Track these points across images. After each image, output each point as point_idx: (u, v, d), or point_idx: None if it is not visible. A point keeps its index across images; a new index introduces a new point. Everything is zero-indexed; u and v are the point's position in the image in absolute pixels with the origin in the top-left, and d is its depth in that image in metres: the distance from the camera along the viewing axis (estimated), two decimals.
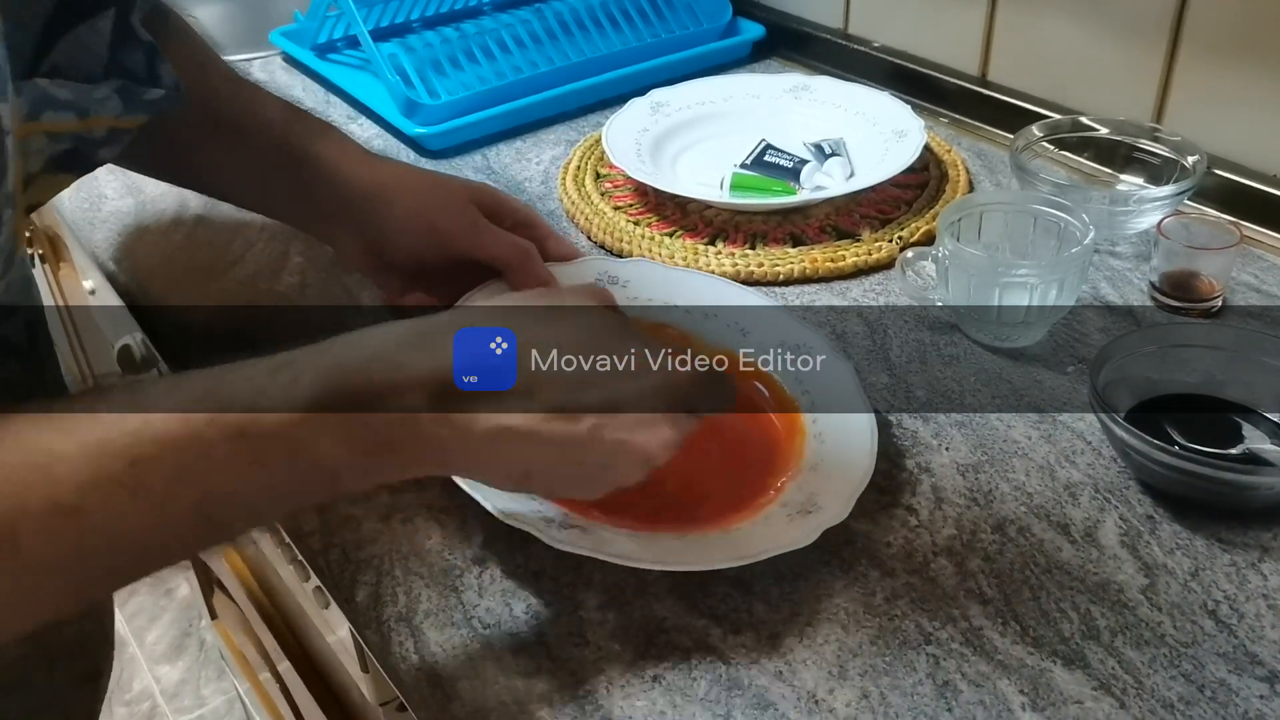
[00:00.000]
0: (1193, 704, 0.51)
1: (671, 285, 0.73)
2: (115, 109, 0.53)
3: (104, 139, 0.53)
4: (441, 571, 0.60)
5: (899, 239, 0.85)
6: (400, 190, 0.70)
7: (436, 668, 0.55)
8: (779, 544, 0.57)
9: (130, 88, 0.53)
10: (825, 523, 0.57)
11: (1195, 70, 0.88)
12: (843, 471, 0.61)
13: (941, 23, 1.06)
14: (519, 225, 0.72)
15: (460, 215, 0.69)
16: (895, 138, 0.93)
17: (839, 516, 0.58)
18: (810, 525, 0.57)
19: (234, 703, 1.75)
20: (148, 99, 0.55)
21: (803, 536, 0.57)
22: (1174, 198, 0.80)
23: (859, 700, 0.52)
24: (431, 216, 0.69)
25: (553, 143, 1.04)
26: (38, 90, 0.48)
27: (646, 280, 0.73)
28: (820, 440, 0.64)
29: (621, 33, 1.13)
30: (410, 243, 0.69)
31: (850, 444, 0.62)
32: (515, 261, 0.69)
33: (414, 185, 0.71)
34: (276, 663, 1.10)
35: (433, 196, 0.70)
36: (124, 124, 0.54)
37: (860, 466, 0.61)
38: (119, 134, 0.54)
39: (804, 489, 0.61)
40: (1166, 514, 0.61)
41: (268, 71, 1.23)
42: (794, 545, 0.56)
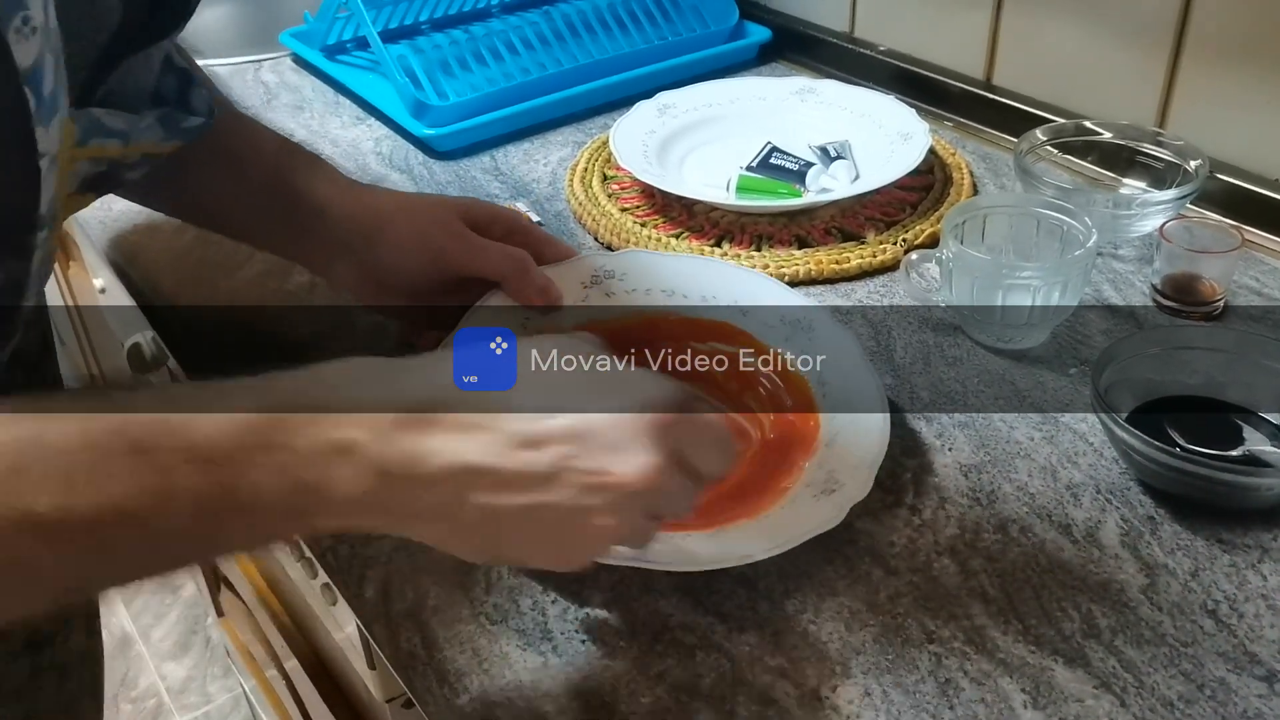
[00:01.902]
0: (1192, 703, 0.52)
1: (666, 272, 0.74)
2: (156, 136, 0.53)
3: (136, 163, 0.54)
4: (449, 568, 0.60)
5: (903, 241, 0.86)
6: (393, 215, 0.70)
7: (444, 663, 0.55)
8: (811, 526, 0.57)
9: (171, 115, 0.54)
10: (851, 499, 0.58)
11: (1198, 75, 0.88)
12: (859, 444, 0.61)
13: (947, 27, 1.06)
14: (511, 234, 0.72)
15: (453, 233, 0.70)
16: (900, 141, 0.94)
17: (863, 491, 0.58)
18: (835, 504, 0.58)
19: (240, 700, 1.75)
20: (186, 126, 0.55)
21: (832, 517, 0.57)
22: (1176, 201, 0.81)
23: (862, 698, 0.53)
24: (426, 238, 0.69)
25: (560, 144, 1.05)
26: (91, 118, 0.48)
27: (641, 270, 0.74)
28: (834, 413, 0.65)
29: (629, 35, 1.14)
30: (407, 265, 0.70)
31: (862, 416, 0.63)
32: (511, 272, 0.69)
33: (405, 209, 0.71)
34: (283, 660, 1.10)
35: (425, 218, 0.70)
36: (159, 150, 0.55)
37: (875, 437, 0.61)
38: (150, 159, 0.55)
39: (823, 466, 0.61)
40: (1167, 514, 0.62)
41: (277, 73, 1.23)
42: (827, 525, 0.57)
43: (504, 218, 0.73)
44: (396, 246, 0.69)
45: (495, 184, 0.98)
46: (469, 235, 0.70)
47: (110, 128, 0.50)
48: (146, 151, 0.54)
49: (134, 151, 0.53)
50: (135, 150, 0.53)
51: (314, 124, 1.11)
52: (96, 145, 0.49)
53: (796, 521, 0.58)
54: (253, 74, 1.23)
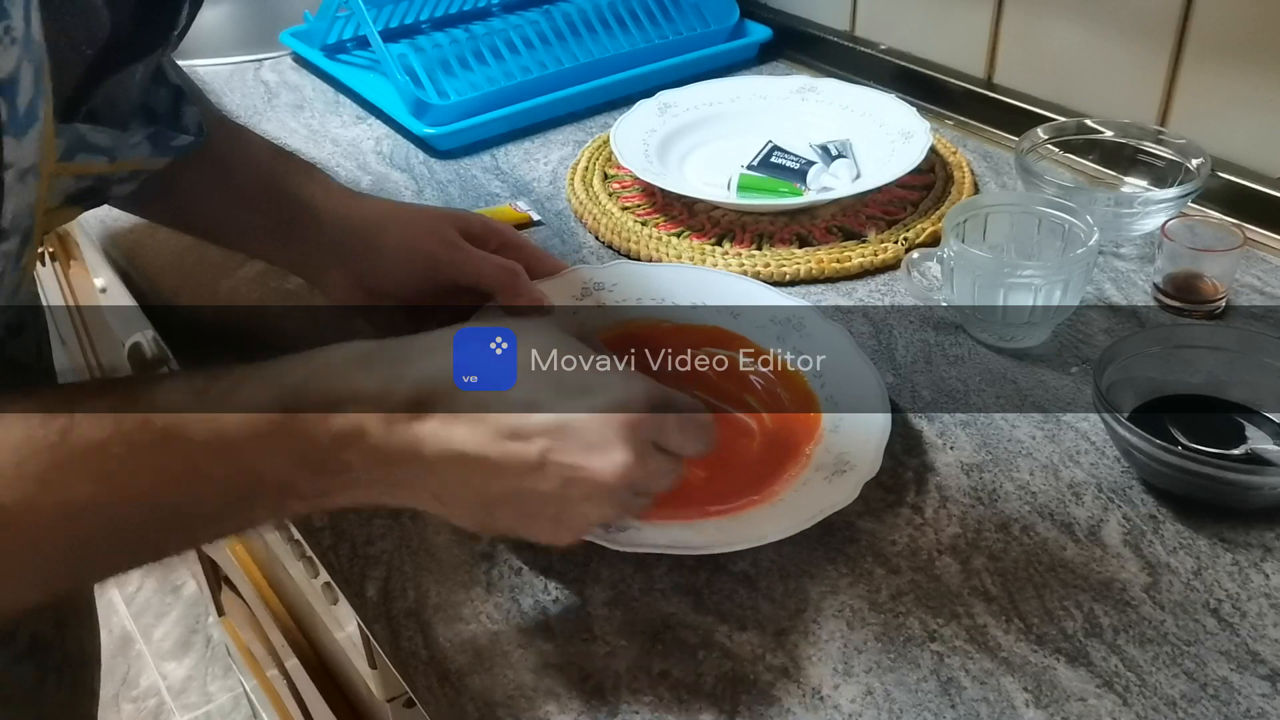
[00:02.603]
0: (1195, 702, 0.52)
1: (655, 283, 0.74)
2: (145, 153, 0.53)
3: (124, 178, 0.54)
4: (451, 567, 0.60)
5: (905, 240, 0.86)
6: (387, 223, 0.70)
7: (445, 663, 0.55)
8: (827, 505, 0.58)
9: (161, 133, 0.54)
10: (862, 478, 0.59)
11: (1200, 73, 0.88)
12: (864, 427, 0.63)
13: (947, 25, 1.06)
14: (504, 247, 0.72)
15: (448, 242, 0.70)
16: (901, 139, 0.93)
17: (873, 470, 0.60)
18: (849, 483, 0.59)
19: (240, 699, 1.75)
20: (176, 144, 0.55)
21: (846, 496, 0.59)
22: (1178, 200, 0.81)
23: (864, 696, 0.53)
24: (420, 246, 0.69)
25: (561, 143, 1.04)
26: (76, 134, 0.48)
27: (631, 281, 0.74)
28: (834, 403, 0.66)
29: (629, 34, 1.14)
30: (401, 274, 0.69)
31: (863, 401, 0.65)
32: (504, 282, 0.69)
33: (400, 218, 0.71)
34: (284, 659, 1.10)
35: (419, 227, 0.70)
36: (148, 166, 0.54)
37: (878, 419, 0.63)
38: (138, 174, 0.54)
39: (831, 450, 0.63)
40: (1169, 513, 0.62)
41: (278, 72, 1.23)
42: (843, 503, 0.58)
43: (498, 232, 0.73)
44: (389, 254, 0.69)
45: (496, 183, 0.98)
46: (462, 245, 0.70)
47: (96, 144, 0.49)
48: (135, 168, 0.53)
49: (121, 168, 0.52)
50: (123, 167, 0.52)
51: (314, 123, 1.11)
52: (82, 161, 0.49)
53: (810, 503, 0.59)
54: (253, 73, 1.23)
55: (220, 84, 1.20)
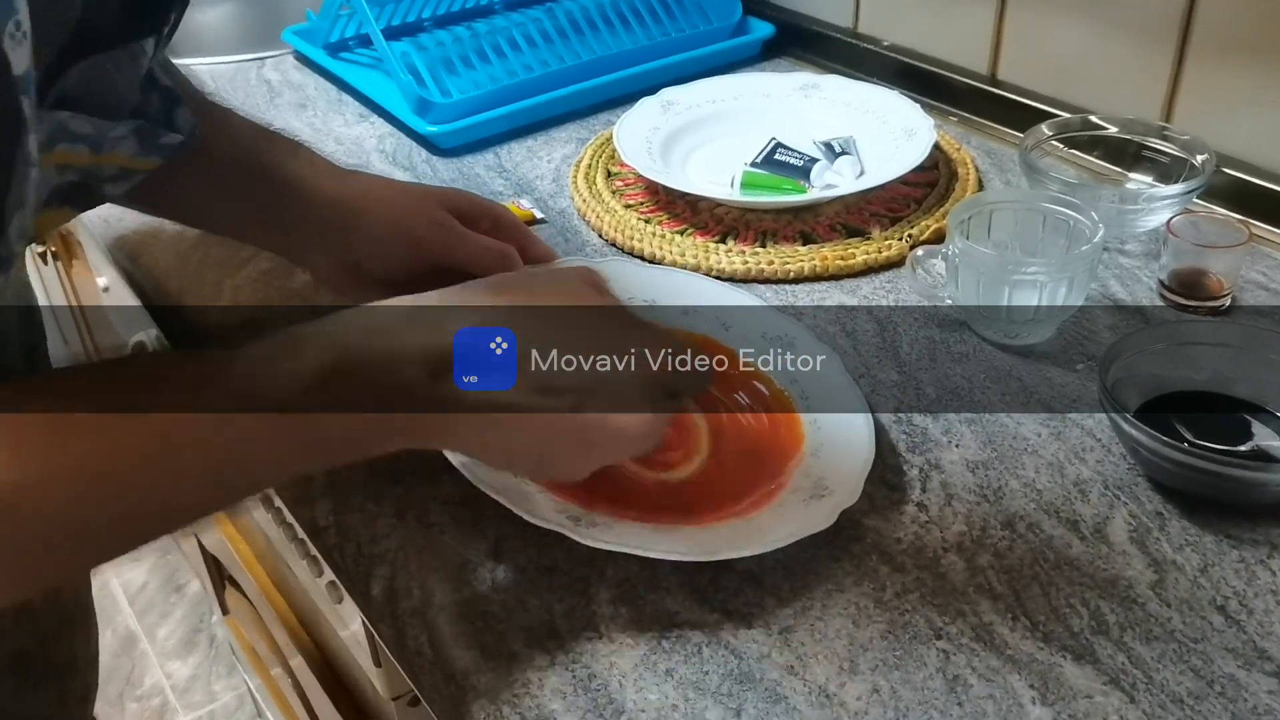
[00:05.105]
0: (1202, 699, 0.52)
1: (650, 284, 0.74)
2: (130, 149, 0.52)
3: (113, 176, 0.53)
4: (455, 566, 0.60)
5: (909, 237, 0.85)
6: (373, 201, 0.69)
7: (450, 661, 0.55)
8: (802, 528, 0.58)
9: (147, 129, 0.53)
10: (840, 504, 0.59)
11: (1204, 69, 0.88)
12: (846, 454, 0.62)
13: (951, 22, 1.06)
14: (495, 228, 0.71)
15: (436, 222, 0.68)
16: (905, 136, 0.93)
17: (851, 498, 0.59)
18: (826, 508, 0.59)
19: (245, 698, 1.75)
20: (164, 143, 0.54)
21: (823, 519, 0.58)
22: (1183, 196, 0.81)
23: (870, 694, 0.52)
24: (407, 225, 0.68)
25: (564, 141, 1.04)
26: (56, 121, 0.47)
27: (625, 281, 0.74)
28: (817, 427, 0.66)
29: (632, 32, 1.14)
30: (387, 253, 0.68)
31: (847, 428, 0.64)
32: (494, 265, 0.67)
33: (386, 195, 0.70)
34: (288, 658, 1.10)
35: (406, 205, 0.69)
36: (136, 165, 0.53)
37: (861, 448, 0.62)
38: (129, 173, 0.53)
39: (810, 474, 0.62)
40: (1176, 510, 0.62)
41: (280, 70, 1.23)
42: (816, 528, 0.58)
43: (489, 211, 0.72)
44: (379, 229, 0.68)
45: (499, 181, 0.98)
46: (451, 225, 0.68)
47: (78, 132, 0.48)
48: (123, 165, 0.52)
49: (107, 162, 0.51)
50: (108, 161, 0.51)
51: (317, 122, 1.11)
52: (63, 151, 0.48)
53: (784, 524, 0.59)
54: (255, 72, 1.23)
55: (223, 83, 1.20)
